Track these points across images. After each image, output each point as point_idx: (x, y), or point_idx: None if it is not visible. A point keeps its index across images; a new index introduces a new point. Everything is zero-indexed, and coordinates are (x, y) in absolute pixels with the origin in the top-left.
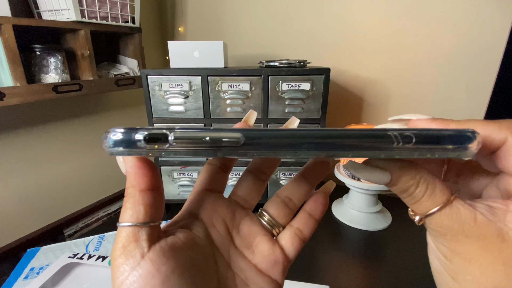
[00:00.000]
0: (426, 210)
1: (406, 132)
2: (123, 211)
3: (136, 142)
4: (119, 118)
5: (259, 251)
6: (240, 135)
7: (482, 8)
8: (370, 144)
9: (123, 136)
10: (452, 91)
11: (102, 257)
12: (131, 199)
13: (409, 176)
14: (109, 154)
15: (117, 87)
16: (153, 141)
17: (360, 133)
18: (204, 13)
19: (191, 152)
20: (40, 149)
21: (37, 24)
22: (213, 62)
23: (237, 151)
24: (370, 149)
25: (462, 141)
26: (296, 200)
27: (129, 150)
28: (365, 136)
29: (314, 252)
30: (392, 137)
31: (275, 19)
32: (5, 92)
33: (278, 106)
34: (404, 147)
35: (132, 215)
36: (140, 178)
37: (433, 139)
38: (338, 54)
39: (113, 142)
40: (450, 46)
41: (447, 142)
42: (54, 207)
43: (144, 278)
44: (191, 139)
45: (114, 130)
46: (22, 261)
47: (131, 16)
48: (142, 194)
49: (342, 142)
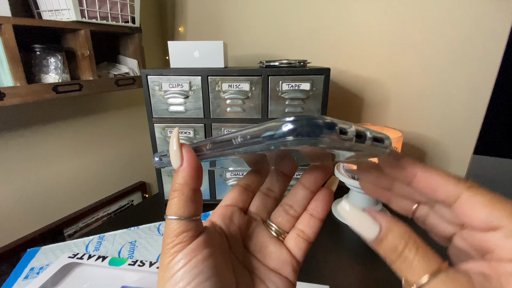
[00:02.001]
0: (420, 276)
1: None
2: (173, 205)
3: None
4: (119, 118)
5: (268, 253)
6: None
7: (482, 8)
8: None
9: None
10: (452, 91)
11: (102, 257)
12: (182, 195)
13: (399, 233)
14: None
15: (117, 87)
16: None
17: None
18: (204, 13)
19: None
20: (40, 149)
21: (37, 24)
22: (213, 62)
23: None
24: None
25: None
26: (297, 207)
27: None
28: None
29: (314, 252)
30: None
31: (275, 19)
32: (5, 92)
33: (278, 106)
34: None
35: (184, 210)
36: (194, 178)
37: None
38: (338, 54)
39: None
40: (450, 46)
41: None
42: (54, 207)
43: (192, 256)
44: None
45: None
46: (22, 261)
47: (131, 16)
48: (192, 193)
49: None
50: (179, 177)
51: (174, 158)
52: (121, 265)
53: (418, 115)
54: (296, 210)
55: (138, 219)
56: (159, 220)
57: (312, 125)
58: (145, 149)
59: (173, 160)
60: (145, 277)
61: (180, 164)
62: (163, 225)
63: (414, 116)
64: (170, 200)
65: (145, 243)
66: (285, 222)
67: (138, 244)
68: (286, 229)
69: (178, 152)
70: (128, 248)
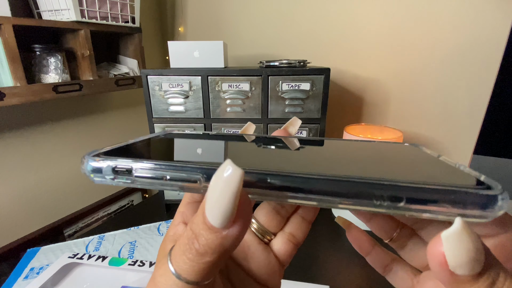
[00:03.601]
0: None
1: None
2: (186, 267)
3: (103, 172)
4: (119, 118)
5: (255, 262)
6: (199, 176)
7: (482, 8)
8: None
9: (95, 166)
10: (452, 91)
11: (102, 257)
12: (209, 264)
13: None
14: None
15: (117, 87)
16: (120, 173)
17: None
18: (204, 13)
19: (157, 186)
20: (40, 149)
21: (37, 24)
22: (213, 62)
23: (199, 191)
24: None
25: (468, 201)
26: (288, 207)
27: (100, 179)
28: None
29: (314, 252)
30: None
31: (275, 19)
32: (5, 92)
33: (278, 106)
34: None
35: (201, 278)
36: (236, 245)
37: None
38: (338, 54)
39: (89, 168)
40: (450, 46)
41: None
42: (54, 207)
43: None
44: (152, 178)
45: (88, 157)
46: (22, 261)
47: (131, 16)
48: (220, 262)
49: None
50: (216, 243)
51: (221, 213)
52: (121, 265)
53: (418, 115)
54: (288, 210)
55: (138, 219)
56: (159, 220)
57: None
58: None
59: (216, 215)
60: (145, 277)
61: (227, 225)
62: (163, 225)
63: (414, 116)
64: (185, 255)
65: (145, 243)
66: (275, 223)
67: (138, 244)
68: (273, 231)
69: (233, 208)
70: (128, 248)
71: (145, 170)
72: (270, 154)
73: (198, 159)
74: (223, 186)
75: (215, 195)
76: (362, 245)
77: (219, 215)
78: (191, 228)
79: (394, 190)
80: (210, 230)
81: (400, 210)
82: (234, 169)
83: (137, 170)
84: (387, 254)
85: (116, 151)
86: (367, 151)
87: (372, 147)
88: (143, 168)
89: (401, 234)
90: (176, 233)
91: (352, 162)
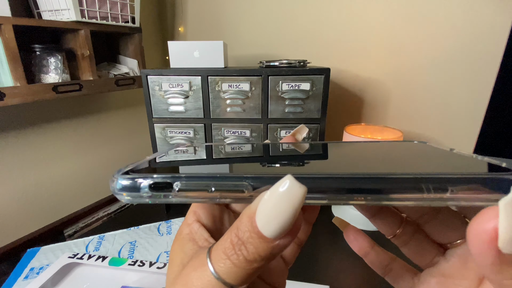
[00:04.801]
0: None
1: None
2: (230, 270)
3: (141, 189)
4: (119, 118)
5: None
6: (247, 184)
7: (482, 8)
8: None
9: (129, 184)
10: (452, 91)
11: (102, 257)
12: (254, 270)
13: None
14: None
15: (117, 87)
16: (159, 190)
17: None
18: (204, 13)
19: (198, 200)
20: (40, 149)
21: (37, 24)
22: (213, 62)
23: (245, 199)
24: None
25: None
26: None
27: (134, 197)
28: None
29: (314, 252)
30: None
31: (275, 19)
32: (5, 92)
33: (278, 106)
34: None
35: (241, 282)
36: (279, 254)
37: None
38: (338, 54)
39: (121, 187)
40: (450, 46)
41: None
42: (54, 207)
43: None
44: (195, 191)
45: (119, 176)
46: (22, 261)
47: (131, 16)
48: (264, 267)
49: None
50: (267, 252)
51: (278, 228)
52: (121, 265)
53: (418, 115)
54: None
55: (138, 219)
56: (159, 220)
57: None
58: (145, 149)
59: (273, 229)
60: (145, 277)
61: (280, 236)
62: (163, 225)
63: (414, 116)
64: (230, 260)
65: (145, 243)
66: None
67: (138, 244)
68: None
69: (292, 223)
70: (128, 248)
71: (188, 183)
72: (295, 160)
73: (224, 170)
74: (284, 202)
75: (274, 209)
76: (360, 246)
77: (276, 228)
78: (236, 234)
79: (441, 182)
80: (261, 240)
81: (443, 201)
82: (298, 187)
83: (178, 184)
84: (386, 254)
85: (144, 168)
86: (381, 151)
87: (383, 147)
88: (185, 181)
89: (405, 230)
90: (191, 232)
91: (375, 161)
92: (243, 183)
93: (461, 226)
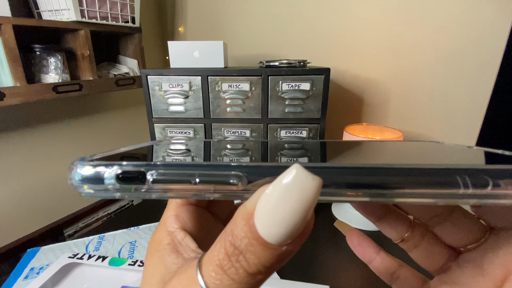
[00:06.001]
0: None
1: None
2: (229, 283)
3: (105, 182)
4: (119, 118)
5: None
6: (241, 173)
7: (482, 8)
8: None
9: (90, 173)
10: (452, 91)
11: (102, 257)
12: (261, 281)
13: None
14: (80, 193)
15: (117, 87)
16: (129, 181)
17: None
18: (204, 13)
19: (180, 194)
20: (40, 149)
21: (37, 24)
22: (213, 62)
23: (237, 195)
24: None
25: None
26: None
27: (97, 191)
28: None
29: (314, 252)
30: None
31: (275, 19)
32: (5, 92)
33: (278, 106)
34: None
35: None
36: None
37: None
38: (338, 54)
39: (80, 178)
40: (450, 46)
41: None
42: (54, 207)
43: None
44: (174, 182)
45: (79, 163)
46: (22, 261)
47: (131, 16)
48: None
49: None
50: (272, 261)
51: (286, 232)
52: (121, 265)
53: (418, 115)
54: None
55: (138, 219)
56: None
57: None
58: None
59: (279, 233)
60: None
61: (288, 241)
62: None
63: (414, 116)
64: (226, 275)
65: (145, 243)
66: None
67: (138, 244)
68: None
69: (303, 224)
70: (128, 248)
71: (166, 173)
72: (299, 156)
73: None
74: (292, 198)
75: (278, 208)
76: (365, 251)
77: (282, 232)
78: (231, 242)
79: (481, 175)
80: (263, 247)
81: (483, 199)
82: (311, 178)
83: (153, 174)
84: (393, 260)
85: (114, 157)
86: (400, 150)
87: (398, 147)
88: (162, 170)
89: (414, 233)
90: (174, 242)
91: (398, 159)
92: (236, 173)
93: (476, 228)
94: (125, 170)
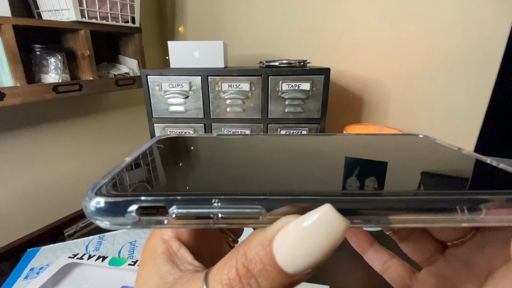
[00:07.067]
0: None
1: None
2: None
3: (126, 215)
4: (119, 118)
5: None
6: (260, 210)
7: (482, 9)
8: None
9: (108, 207)
10: (452, 91)
11: (102, 257)
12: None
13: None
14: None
15: (117, 87)
16: (150, 215)
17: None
18: (204, 13)
19: (199, 226)
20: (40, 149)
21: (37, 24)
22: (213, 62)
23: (257, 225)
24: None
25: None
26: None
27: (115, 224)
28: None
29: None
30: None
31: (275, 19)
32: (5, 92)
33: (278, 106)
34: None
35: None
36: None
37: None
38: (338, 54)
39: (94, 210)
40: (450, 46)
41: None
42: (54, 207)
43: None
44: (197, 218)
45: (93, 196)
46: (22, 261)
47: (131, 16)
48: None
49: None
50: (286, 286)
51: (306, 264)
52: (121, 265)
53: (418, 115)
54: None
55: None
56: None
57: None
58: None
59: (299, 265)
60: None
61: (306, 272)
62: None
63: (414, 116)
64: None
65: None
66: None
67: (138, 244)
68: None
69: (323, 260)
70: (128, 248)
71: (187, 208)
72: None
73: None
74: (319, 237)
75: (303, 243)
76: (360, 243)
77: (303, 265)
78: (244, 264)
79: (477, 205)
80: (278, 274)
81: (478, 222)
82: (341, 221)
83: (174, 210)
84: (385, 251)
85: (123, 179)
86: (391, 145)
87: (390, 141)
88: (183, 204)
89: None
90: (169, 252)
91: (391, 156)
92: (258, 210)
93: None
94: (145, 206)
